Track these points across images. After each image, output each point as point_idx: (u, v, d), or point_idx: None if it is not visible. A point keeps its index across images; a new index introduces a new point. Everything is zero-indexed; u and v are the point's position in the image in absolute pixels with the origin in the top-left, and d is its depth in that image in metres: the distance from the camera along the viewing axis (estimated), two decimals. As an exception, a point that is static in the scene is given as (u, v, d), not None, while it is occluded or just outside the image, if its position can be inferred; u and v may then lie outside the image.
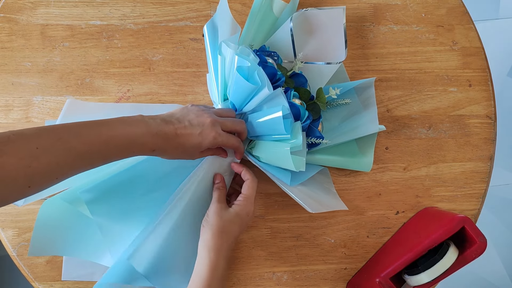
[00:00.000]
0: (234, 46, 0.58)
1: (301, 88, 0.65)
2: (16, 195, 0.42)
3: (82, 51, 0.71)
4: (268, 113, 0.57)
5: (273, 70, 0.60)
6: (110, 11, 0.73)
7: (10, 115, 0.69)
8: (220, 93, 0.63)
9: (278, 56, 0.66)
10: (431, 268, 0.56)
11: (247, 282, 0.68)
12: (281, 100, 0.57)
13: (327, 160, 0.69)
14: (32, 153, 0.41)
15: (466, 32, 0.77)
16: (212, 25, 0.64)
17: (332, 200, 0.67)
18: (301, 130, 0.58)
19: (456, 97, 0.75)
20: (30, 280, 0.66)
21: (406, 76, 0.75)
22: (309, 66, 0.68)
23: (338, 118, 0.71)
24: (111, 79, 0.71)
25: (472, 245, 0.56)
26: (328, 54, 0.70)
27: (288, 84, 0.63)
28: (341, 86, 0.68)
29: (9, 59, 0.70)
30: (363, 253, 0.70)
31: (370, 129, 0.68)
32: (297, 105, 0.60)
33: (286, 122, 0.56)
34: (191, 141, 0.53)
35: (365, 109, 0.70)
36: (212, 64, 0.64)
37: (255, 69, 0.56)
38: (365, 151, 0.71)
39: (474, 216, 0.72)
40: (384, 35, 0.76)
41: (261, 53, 0.63)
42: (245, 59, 0.55)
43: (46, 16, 0.72)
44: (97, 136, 0.46)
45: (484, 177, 0.73)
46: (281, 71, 0.64)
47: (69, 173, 0.46)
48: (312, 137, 0.64)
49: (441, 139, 0.73)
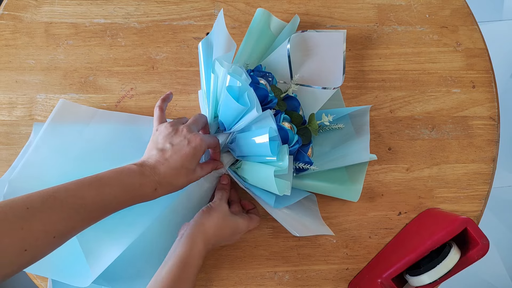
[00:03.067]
0: (227, 65, 0.57)
1: (294, 113, 0.64)
2: (13, 263, 0.39)
3: (86, 49, 0.71)
4: (256, 134, 0.56)
5: (264, 92, 0.59)
6: (114, 9, 0.73)
7: (14, 112, 0.69)
8: (210, 111, 0.62)
9: (273, 77, 0.66)
10: (433, 269, 0.56)
11: (248, 281, 0.68)
12: (269, 121, 0.56)
13: (314, 186, 0.68)
14: (22, 214, 0.39)
15: (470, 33, 0.76)
16: (208, 42, 0.63)
17: (319, 225, 0.66)
18: (287, 154, 0.57)
19: (460, 98, 0.75)
20: (32, 277, 0.66)
21: (409, 76, 0.75)
22: (304, 89, 0.67)
23: (330, 143, 0.70)
24: (115, 78, 0.71)
25: (475, 247, 0.56)
26: (325, 78, 0.68)
27: (280, 107, 0.63)
28: (335, 113, 0.67)
29: (13, 56, 0.70)
30: (365, 253, 0.70)
31: (361, 158, 0.66)
32: (286, 128, 0.59)
33: (273, 144, 0.55)
34: (186, 154, 0.52)
35: (358, 136, 0.69)
36: (205, 81, 0.63)
37: (245, 89, 0.55)
38: (354, 179, 0.69)
39: (476, 218, 0.72)
40: (388, 35, 0.76)
41: (254, 74, 0.62)
42: (237, 79, 0.54)
43: (50, 14, 0.72)
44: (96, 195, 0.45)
45: (487, 178, 0.73)
46: (275, 92, 0.64)
47: (68, 232, 0.44)
48: (300, 162, 0.63)
49: (444, 140, 0.73)
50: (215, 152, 0.60)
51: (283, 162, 0.57)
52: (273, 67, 0.68)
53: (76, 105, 0.67)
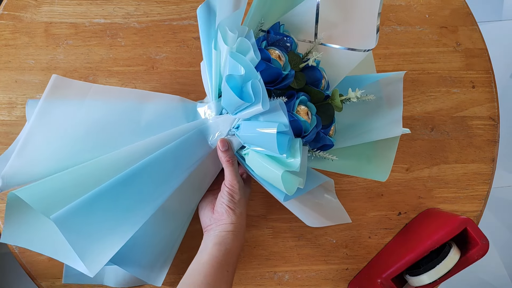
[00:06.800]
0: (232, 36, 0.47)
1: (313, 90, 0.54)
2: None
3: (86, 49, 0.71)
4: (263, 125, 0.49)
5: (276, 71, 0.49)
6: (114, 9, 0.73)
7: (14, 112, 0.69)
8: (213, 90, 0.54)
9: (292, 42, 0.55)
10: (433, 269, 0.56)
11: (248, 281, 0.68)
12: (279, 117, 0.48)
13: (336, 165, 0.58)
14: None
15: (470, 33, 0.77)
16: (208, 7, 0.50)
17: (335, 212, 0.62)
18: (300, 149, 0.49)
19: (459, 98, 0.75)
20: (32, 278, 0.66)
21: (409, 77, 0.75)
22: (330, 50, 0.56)
23: (355, 116, 0.60)
24: (115, 78, 0.71)
25: (474, 247, 0.56)
26: (356, 38, 0.56)
27: (298, 81, 0.52)
28: (364, 79, 0.58)
29: (13, 56, 0.70)
30: (364, 253, 0.70)
31: (392, 132, 0.58)
32: (301, 120, 0.50)
33: (282, 139, 0.47)
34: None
35: (389, 107, 0.59)
36: (206, 55, 0.53)
37: (250, 77, 0.47)
38: (383, 156, 0.60)
39: (476, 218, 0.72)
40: (387, 35, 0.76)
41: (270, 37, 0.53)
42: (239, 62, 0.46)
43: (50, 14, 0.72)
44: None
45: (487, 179, 0.73)
46: (292, 61, 0.53)
47: None
48: (319, 150, 0.54)
49: (443, 140, 0.73)
50: None
51: (294, 160, 0.48)
52: (296, 24, 0.56)
53: (70, 80, 0.61)
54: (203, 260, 0.52)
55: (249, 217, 0.69)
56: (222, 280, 0.51)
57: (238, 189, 0.55)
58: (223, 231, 0.54)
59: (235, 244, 0.54)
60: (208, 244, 0.54)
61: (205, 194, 0.61)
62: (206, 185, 0.60)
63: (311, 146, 0.56)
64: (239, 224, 0.56)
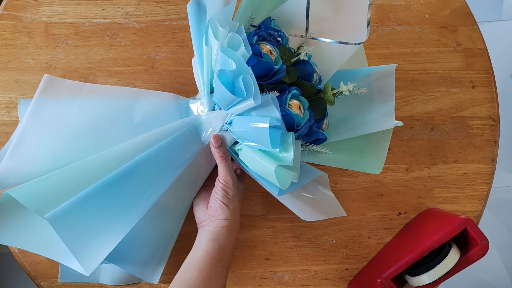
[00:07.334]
0: (223, 32, 0.47)
1: (305, 84, 0.54)
2: None
3: (85, 49, 0.71)
4: (255, 120, 0.49)
5: (267, 65, 0.50)
6: (113, 9, 0.73)
7: (14, 112, 0.69)
8: (205, 86, 0.54)
9: (284, 36, 0.55)
10: (433, 269, 0.56)
11: (248, 281, 0.68)
12: (271, 111, 0.48)
13: (330, 159, 0.59)
14: None
15: (470, 33, 0.76)
16: (198, 3, 0.51)
17: (331, 206, 0.62)
18: (293, 144, 0.49)
19: (459, 98, 0.75)
20: (32, 278, 0.66)
21: (409, 76, 0.75)
22: (321, 45, 0.56)
23: (347, 110, 0.60)
24: (114, 78, 0.71)
25: (474, 247, 0.56)
26: (346, 32, 0.56)
27: (290, 76, 0.53)
28: (355, 73, 0.58)
29: (13, 56, 0.70)
30: (364, 253, 0.70)
31: (385, 124, 0.58)
32: (293, 113, 0.51)
33: (275, 133, 0.48)
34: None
35: (381, 101, 0.60)
36: (197, 51, 0.54)
37: (242, 72, 0.47)
38: (376, 149, 0.60)
39: (476, 218, 0.72)
40: (387, 35, 0.76)
41: (261, 32, 0.53)
42: (230, 56, 0.46)
43: (50, 14, 0.72)
44: None
45: (487, 179, 0.73)
46: (284, 56, 0.54)
47: None
48: (312, 144, 0.55)
49: (443, 140, 0.73)
50: None
51: (287, 154, 0.49)
52: (287, 18, 0.57)
53: (61, 79, 0.61)
54: (197, 256, 0.52)
55: (249, 217, 0.69)
56: (216, 276, 0.51)
57: (232, 185, 0.56)
58: (218, 226, 0.55)
59: (229, 240, 0.54)
60: (202, 240, 0.54)
61: (199, 191, 0.61)
62: (200, 181, 0.60)
63: (304, 140, 0.56)
64: (233, 220, 0.56)
